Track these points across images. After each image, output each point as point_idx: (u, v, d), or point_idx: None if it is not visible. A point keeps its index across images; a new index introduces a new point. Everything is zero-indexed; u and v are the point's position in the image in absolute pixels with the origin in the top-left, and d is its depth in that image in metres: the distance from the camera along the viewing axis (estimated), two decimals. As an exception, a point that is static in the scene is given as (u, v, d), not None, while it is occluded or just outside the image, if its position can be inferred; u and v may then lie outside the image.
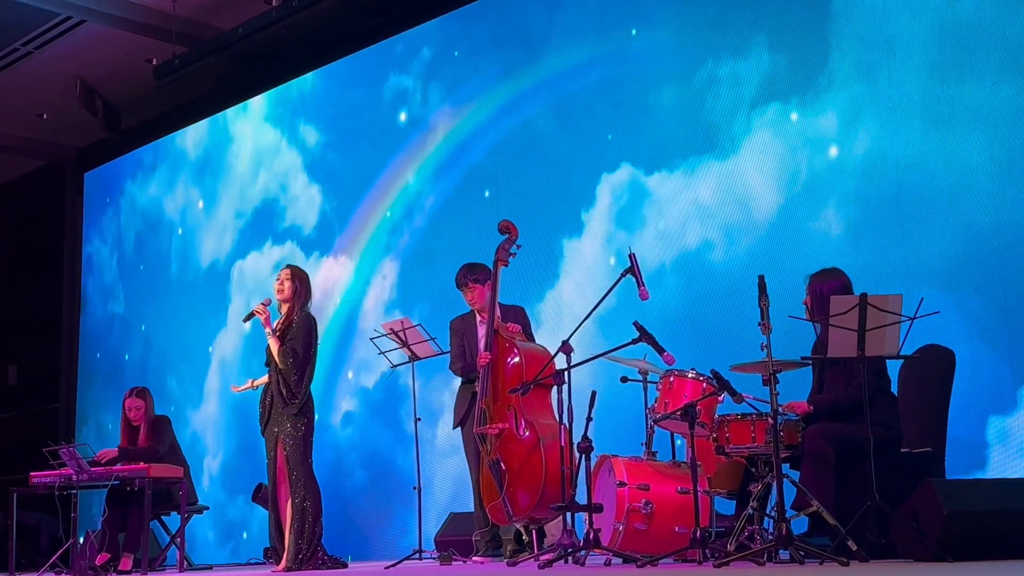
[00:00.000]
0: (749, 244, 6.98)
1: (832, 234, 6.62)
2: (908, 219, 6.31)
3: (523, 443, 5.84)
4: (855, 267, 5.67)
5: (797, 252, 6.68)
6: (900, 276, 6.20)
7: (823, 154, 6.72)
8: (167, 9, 9.89)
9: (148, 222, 11.73)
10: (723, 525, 5.32)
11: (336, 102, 9.90)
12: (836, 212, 6.62)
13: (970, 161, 6.10)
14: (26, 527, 10.28)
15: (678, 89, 7.46)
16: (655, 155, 7.54)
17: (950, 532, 4.26)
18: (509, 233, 6.22)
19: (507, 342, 6.05)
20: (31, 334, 13.29)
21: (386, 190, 9.32)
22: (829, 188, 6.67)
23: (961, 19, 6.20)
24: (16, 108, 11.71)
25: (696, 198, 7.28)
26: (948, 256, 6.14)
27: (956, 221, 6.13)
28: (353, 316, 9.45)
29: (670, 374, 5.43)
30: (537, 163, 8.23)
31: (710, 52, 7.28)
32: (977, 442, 5.83)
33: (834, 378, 5.23)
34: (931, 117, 6.28)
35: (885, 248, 6.38)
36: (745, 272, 6.69)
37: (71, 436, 11.49)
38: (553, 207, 8.04)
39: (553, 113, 8.21)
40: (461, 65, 8.92)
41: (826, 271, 5.39)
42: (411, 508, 7.43)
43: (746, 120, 7.06)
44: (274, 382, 6.27)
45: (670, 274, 7.34)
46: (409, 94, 9.27)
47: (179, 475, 7.43)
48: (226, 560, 9.84)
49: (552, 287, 7.97)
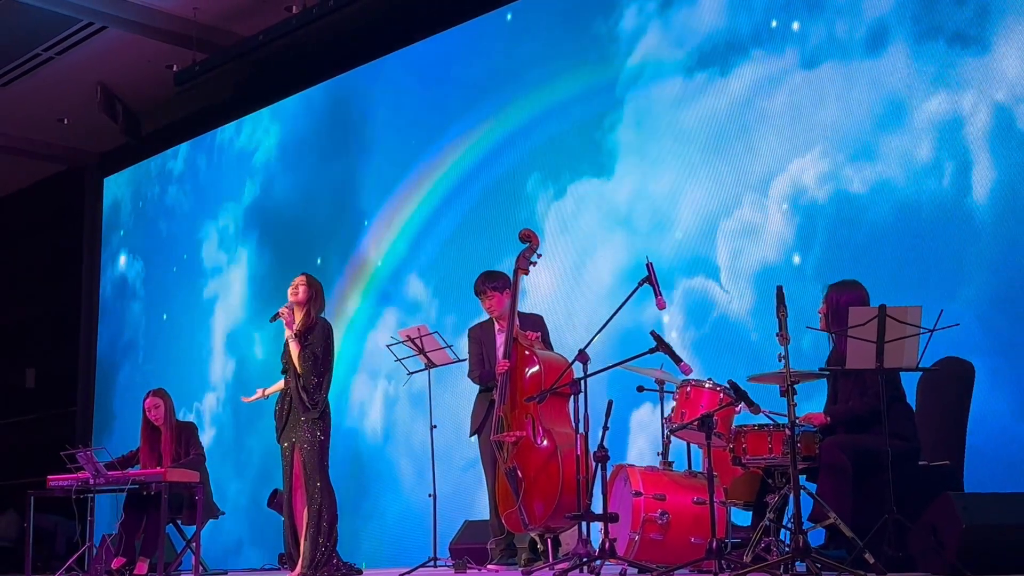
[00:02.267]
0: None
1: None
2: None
3: (541, 452, 5.83)
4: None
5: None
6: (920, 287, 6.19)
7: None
8: (188, 15, 9.94)
9: (167, 227, 11.78)
10: (739, 536, 5.30)
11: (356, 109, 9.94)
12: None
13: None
14: (43, 530, 10.34)
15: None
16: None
17: (968, 546, 4.24)
18: (530, 242, 6.22)
19: (526, 350, 6.04)
20: (49, 338, 13.36)
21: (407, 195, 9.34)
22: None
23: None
24: (37, 113, 11.78)
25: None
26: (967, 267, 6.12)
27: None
28: (372, 321, 9.47)
29: (687, 384, 5.42)
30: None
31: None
32: (996, 455, 5.79)
33: (847, 388, 5.21)
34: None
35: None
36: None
37: (88, 439, 11.53)
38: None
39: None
40: (480, 72, 8.93)
41: (845, 282, 5.38)
42: (426, 515, 7.43)
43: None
44: (293, 388, 6.28)
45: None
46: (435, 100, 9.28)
47: (195, 480, 7.44)
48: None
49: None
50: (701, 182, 7.35)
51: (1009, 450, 5.77)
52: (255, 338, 10.41)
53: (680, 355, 5.34)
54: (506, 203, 8.54)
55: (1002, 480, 5.64)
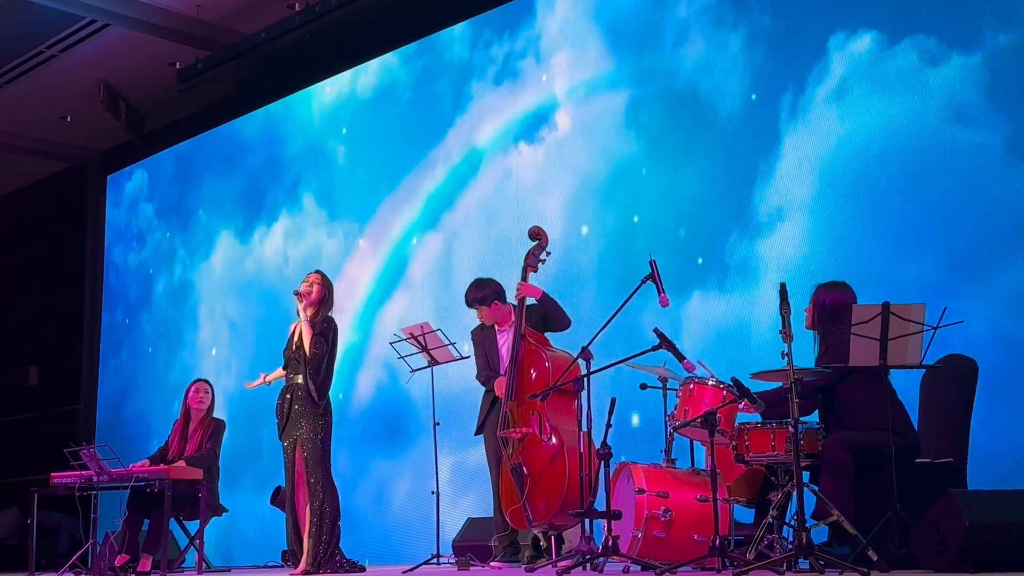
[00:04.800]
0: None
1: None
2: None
3: (547, 448, 5.83)
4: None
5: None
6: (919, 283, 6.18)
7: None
8: (191, 13, 9.95)
9: (170, 225, 11.78)
10: (742, 534, 5.30)
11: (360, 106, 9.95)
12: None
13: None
14: (46, 528, 10.35)
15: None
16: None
17: (972, 543, 4.24)
18: (539, 239, 6.22)
19: (534, 347, 6.04)
20: (52, 335, 13.37)
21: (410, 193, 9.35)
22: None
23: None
24: (40, 111, 11.79)
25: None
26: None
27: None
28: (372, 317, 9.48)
29: (690, 381, 5.42)
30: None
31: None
32: (1000, 453, 5.78)
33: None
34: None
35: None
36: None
37: (91, 437, 11.54)
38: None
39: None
40: (483, 69, 8.94)
41: (833, 283, 5.40)
42: (429, 512, 7.43)
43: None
44: (301, 378, 6.32)
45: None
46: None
47: (199, 477, 7.45)
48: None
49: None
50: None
51: (1012, 447, 5.76)
52: (255, 336, 10.41)
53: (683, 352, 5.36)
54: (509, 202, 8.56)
55: (1005, 478, 5.64)
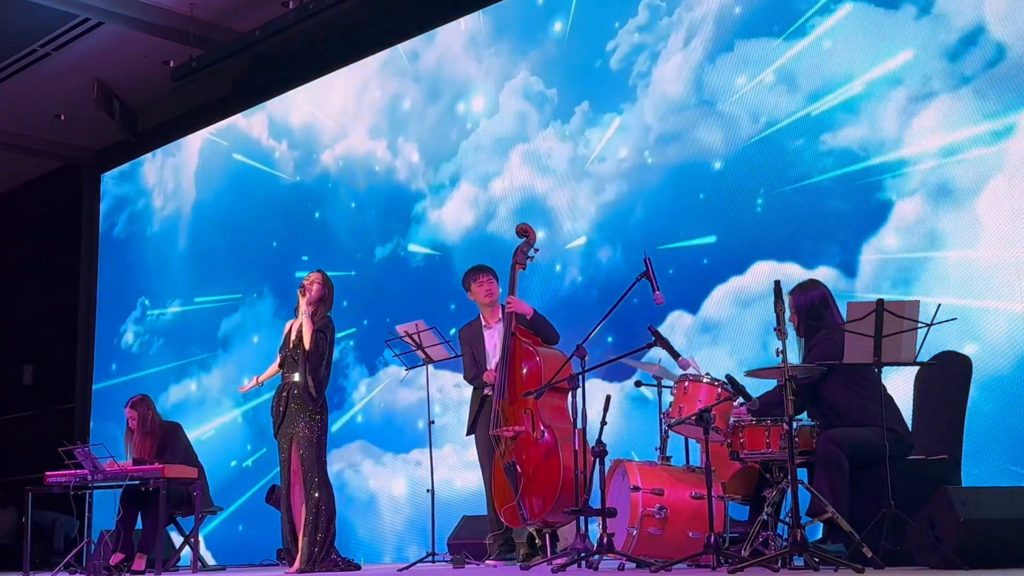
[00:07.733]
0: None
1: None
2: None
3: (540, 446, 5.83)
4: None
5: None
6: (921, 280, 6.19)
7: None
8: (185, 11, 9.93)
9: (164, 223, 11.77)
10: (737, 531, 5.30)
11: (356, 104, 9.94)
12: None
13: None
14: (41, 526, 10.33)
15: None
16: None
17: (966, 540, 4.24)
18: (527, 236, 6.22)
19: (526, 345, 6.04)
20: (47, 334, 13.34)
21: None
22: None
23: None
24: (34, 109, 11.77)
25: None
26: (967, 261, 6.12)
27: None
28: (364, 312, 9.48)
29: (685, 379, 5.42)
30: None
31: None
32: (994, 449, 5.79)
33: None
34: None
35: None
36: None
37: (86, 436, 11.52)
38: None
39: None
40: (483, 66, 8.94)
41: (802, 284, 5.43)
42: (424, 511, 7.43)
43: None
44: (299, 381, 6.31)
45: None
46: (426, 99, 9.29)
47: (193, 476, 7.44)
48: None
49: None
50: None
51: (1007, 444, 5.77)
52: (251, 334, 10.40)
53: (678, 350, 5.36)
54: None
55: (1000, 474, 5.65)
